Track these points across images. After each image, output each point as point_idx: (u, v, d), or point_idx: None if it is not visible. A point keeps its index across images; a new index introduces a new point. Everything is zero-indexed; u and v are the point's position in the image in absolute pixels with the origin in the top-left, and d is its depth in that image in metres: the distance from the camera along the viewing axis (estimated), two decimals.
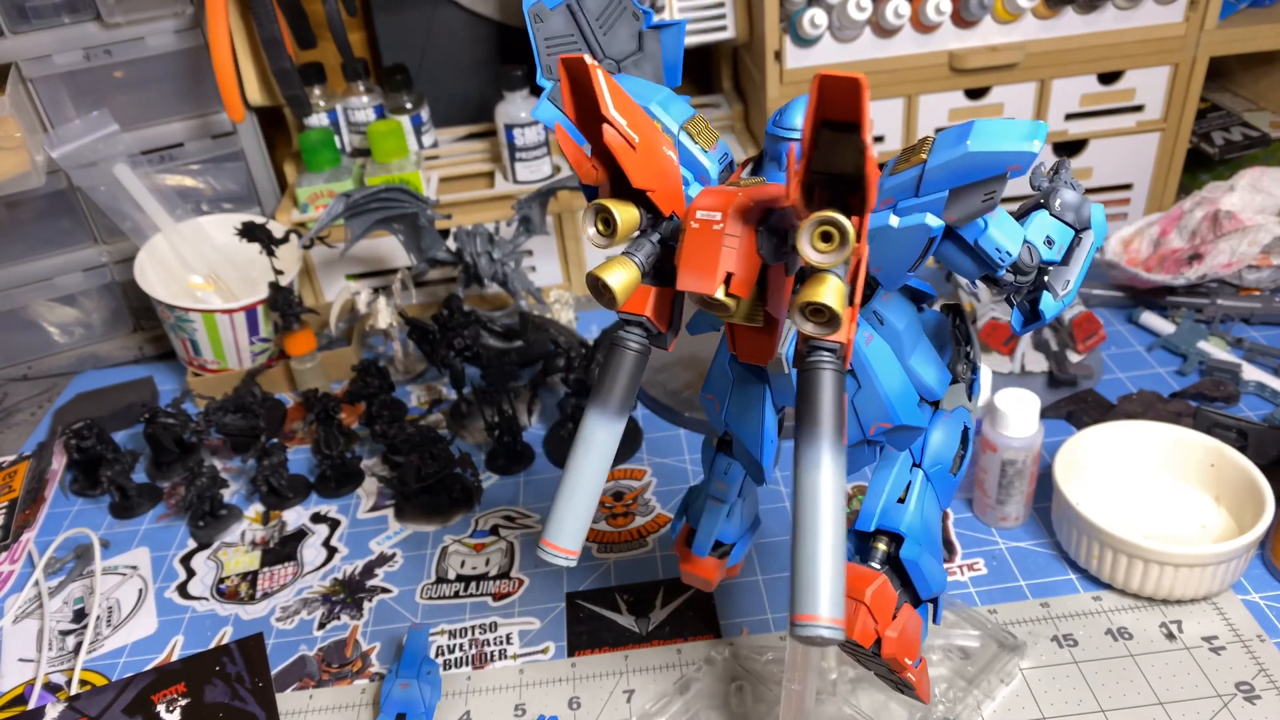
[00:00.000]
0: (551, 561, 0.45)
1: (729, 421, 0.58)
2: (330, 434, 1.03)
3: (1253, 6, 1.27)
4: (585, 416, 0.45)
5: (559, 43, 0.52)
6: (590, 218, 0.44)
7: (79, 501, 1.06)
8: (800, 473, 0.40)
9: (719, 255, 0.41)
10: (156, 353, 1.34)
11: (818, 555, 0.38)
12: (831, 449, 0.40)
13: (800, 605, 0.38)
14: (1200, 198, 1.16)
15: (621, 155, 0.42)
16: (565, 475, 0.45)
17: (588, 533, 0.46)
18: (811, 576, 0.38)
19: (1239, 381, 1.02)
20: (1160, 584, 0.77)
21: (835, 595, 0.38)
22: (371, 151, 1.31)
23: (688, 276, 0.42)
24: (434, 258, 1.20)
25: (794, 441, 0.41)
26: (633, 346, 0.45)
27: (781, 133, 0.48)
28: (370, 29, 1.43)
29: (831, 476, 0.39)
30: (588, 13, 0.52)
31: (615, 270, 0.43)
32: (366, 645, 0.83)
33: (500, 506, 0.98)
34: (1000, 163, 0.44)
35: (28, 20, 1.16)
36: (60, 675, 0.84)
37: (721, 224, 0.41)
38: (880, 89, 1.24)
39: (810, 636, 0.38)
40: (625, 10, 0.52)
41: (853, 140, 0.37)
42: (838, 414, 0.40)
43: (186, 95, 1.25)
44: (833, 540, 0.39)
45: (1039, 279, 0.52)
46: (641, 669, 0.78)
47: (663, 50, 0.54)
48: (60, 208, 1.25)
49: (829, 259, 0.38)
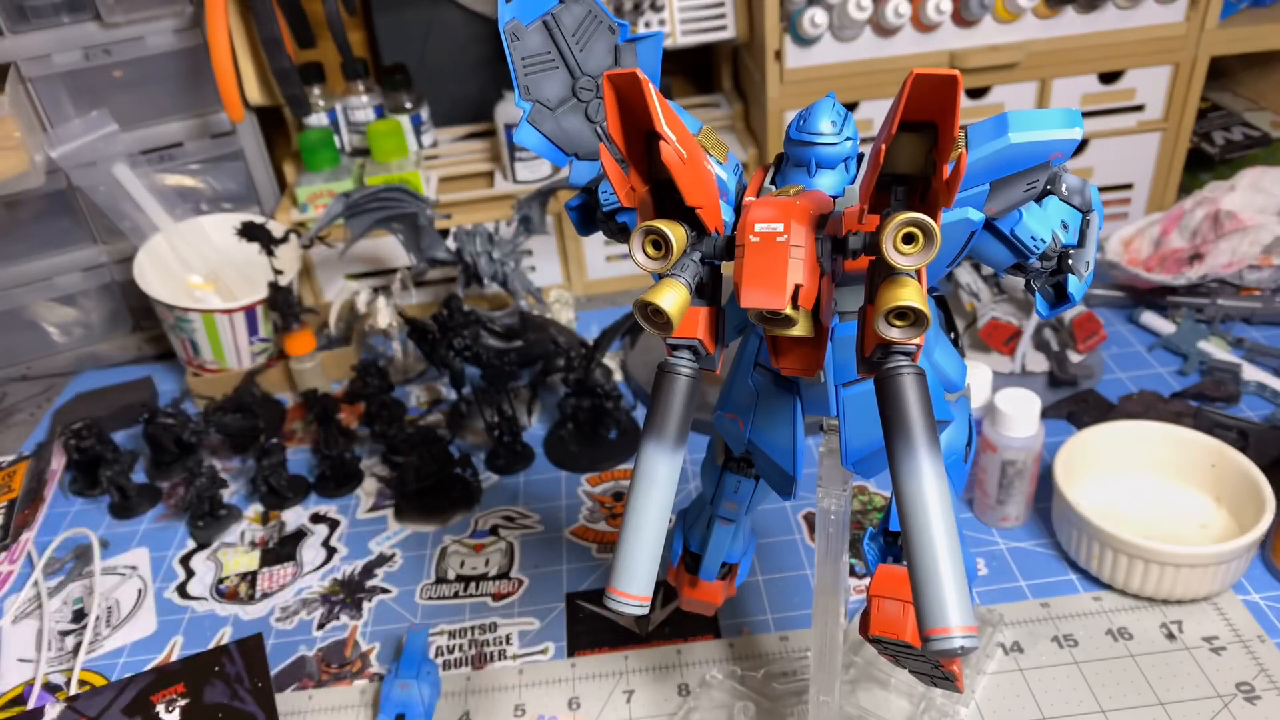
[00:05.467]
0: (623, 611, 0.42)
1: (754, 438, 0.57)
2: (330, 434, 1.03)
3: (1253, 6, 1.27)
4: (642, 452, 0.43)
5: (536, 61, 0.51)
6: (639, 240, 0.42)
7: (78, 501, 1.06)
8: (901, 484, 0.39)
9: (786, 268, 0.39)
10: (156, 353, 1.34)
11: (937, 566, 0.38)
12: (929, 454, 0.39)
13: (930, 620, 0.37)
14: (1201, 197, 1.16)
15: (677, 171, 0.41)
16: (627, 517, 0.43)
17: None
18: (936, 589, 0.38)
19: (1239, 381, 1.02)
20: (1161, 584, 0.76)
21: (962, 602, 0.38)
22: (371, 151, 1.31)
23: (754, 293, 0.40)
24: (434, 258, 1.20)
25: (887, 452, 0.40)
26: (684, 372, 0.43)
27: (808, 138, 0.47)
28: (370, 29, 1.43)
29: (935, 482, 0.39)
30: (564, 29, 0.51)
31: (667, 293, 0.41)
32: (366, 645, 0.83)
33: (500, 506, 0.98)
34: (1044, 151, 0.45)
35: (27, 20, 1.15)
36: (59, 675, 0.84)
37: (785, 235, 0.40)
38: (880, 89, 1.24)
39: (948, 650, 0.37)
40: (601, 24, 0.51)
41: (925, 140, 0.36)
42: (928, 417, 0.40)
43: (186, 95, 1.25)
44: (948, 547, 0.38)
45: (1061, 263, 0.53)
46: (641, 669, 0.78)
47: (639, 64, 0.53)
48: (60, 208, 1.25)
49: (913, 260, 0.38)
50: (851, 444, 0.54)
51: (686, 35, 1.31)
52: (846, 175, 0.48)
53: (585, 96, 0.53)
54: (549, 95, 0.52)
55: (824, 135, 0.46)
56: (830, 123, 0.46)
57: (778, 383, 0.55)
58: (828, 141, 0.46)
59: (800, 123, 0.47)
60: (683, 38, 1.31)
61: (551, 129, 0.53)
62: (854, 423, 0.53)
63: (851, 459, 0.54)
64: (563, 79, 0.52)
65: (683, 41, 1.31)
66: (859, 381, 0.52)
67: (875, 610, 0.54)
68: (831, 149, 0.46)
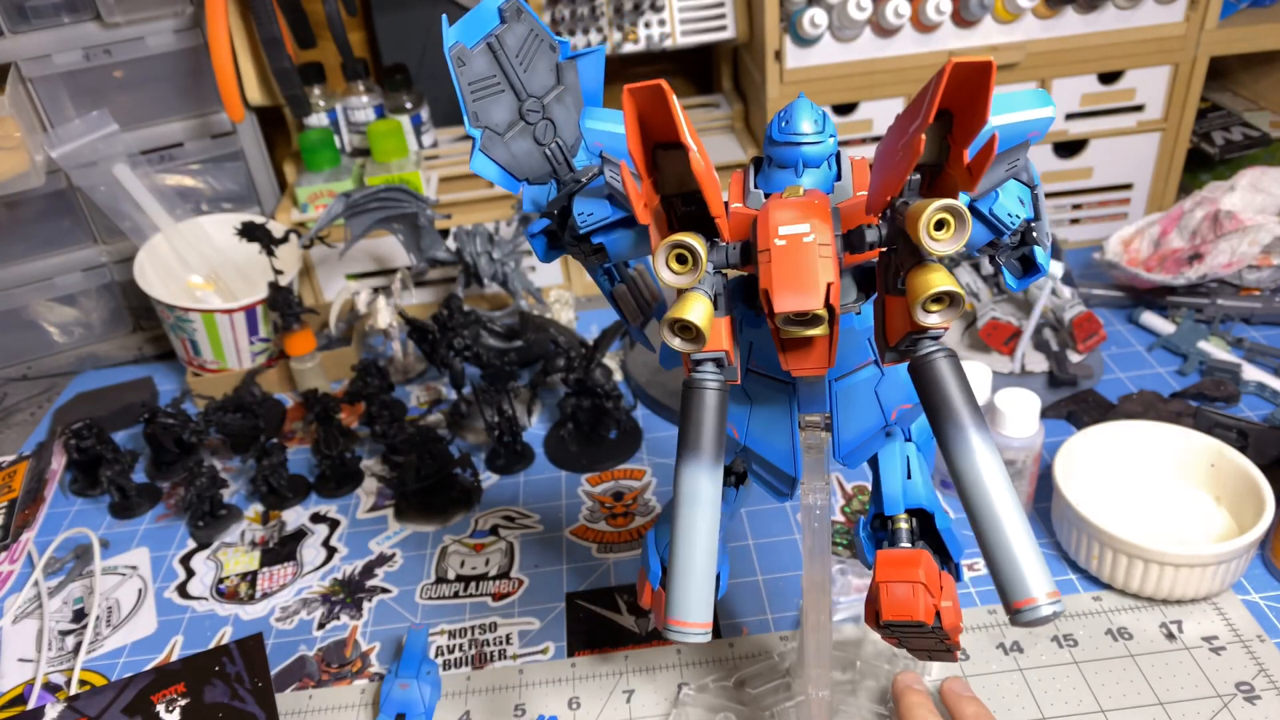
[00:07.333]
0: (687, 641, 0.42)
1: (750, 444, 0.57)
2: (330, 434, 1.03)
3: (1253, 6, 1.27)
4: (680, 473, 0.43)
5: (483, 86, 0.50)
6: (664, 256, 0.41)
7: (79, 501, 1.06)
8: (957, 464, 0.40)
9: (817, 268, 0.39)
10: (156, 353, 1.34)
11: (1008, 538, 0.39)
12: (978, 431, 0.40)
13: (1014, 593, 0.38)
14: (1200, 197, 1.16)
15: (705, 182, 0.41)
16: (676, 542, 0.43)
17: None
18: (1011, 561, 0.39)
19: (1239, 381, 1.02)
20: (1160, 584, 0.77)
21: (1041, 569, 0.39)
22: (371, 151, 1.31)
23: (787, 296, 0.39)
24: (434, 257, 1.20)
25: (936, 437, 0.41)
26: (713, 385, 0.43)
27: (793, 139, 0.47)
28: (370, 29, 1.43)
29: (989, 456, 0.40)
30: (508, 50, 0.50)
31: (695, 306, 0.41)
32: (366, 645, 0.83)
33: (500, 506, 0.98)
34: (1023, 132, 0.45)
35: (27, 20, 1.16)
36: (60, 675, 0.84)
37: (811, 235, 0.40)
38: (880, 89, 1.24)
39: (1037, 619, 0.38)
40: (543, 43, 0.51)
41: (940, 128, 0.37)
42: (969, 395, 0.41)
43: (186, 95, 1.25)
44: (1016, 516, 0.39)
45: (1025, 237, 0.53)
46: (641, 669, 0.78)
47: (581, 81, 0.53)
48: (60, 208, 1.25)
49: (948, 246, 0.38)
50: (844, 436, 0.54)
51: (686, 35, 1.31)
52: (830, 173, 0.48)
53: (532, 119, 0.52)
54: (498, 120, 0.51)
55: (808, 135, 0.46)
56: (812, 122, 0.46)
57: (771, 385, 0.55)
58: (813, 141, 0.46)
59: (782, 125, 0.47)
60: (683, 38, 1.31)
61: (503, 155, 0.53)
62: (846, 415, 0.53)
63: (843, 451, 0.55)
64: (509, 102, 0.51)
65: (683, 41, 1.31)
66: (851, 374, 0.52)
67: (885, 596, 0.54)
68: (817, 148, 0.47)
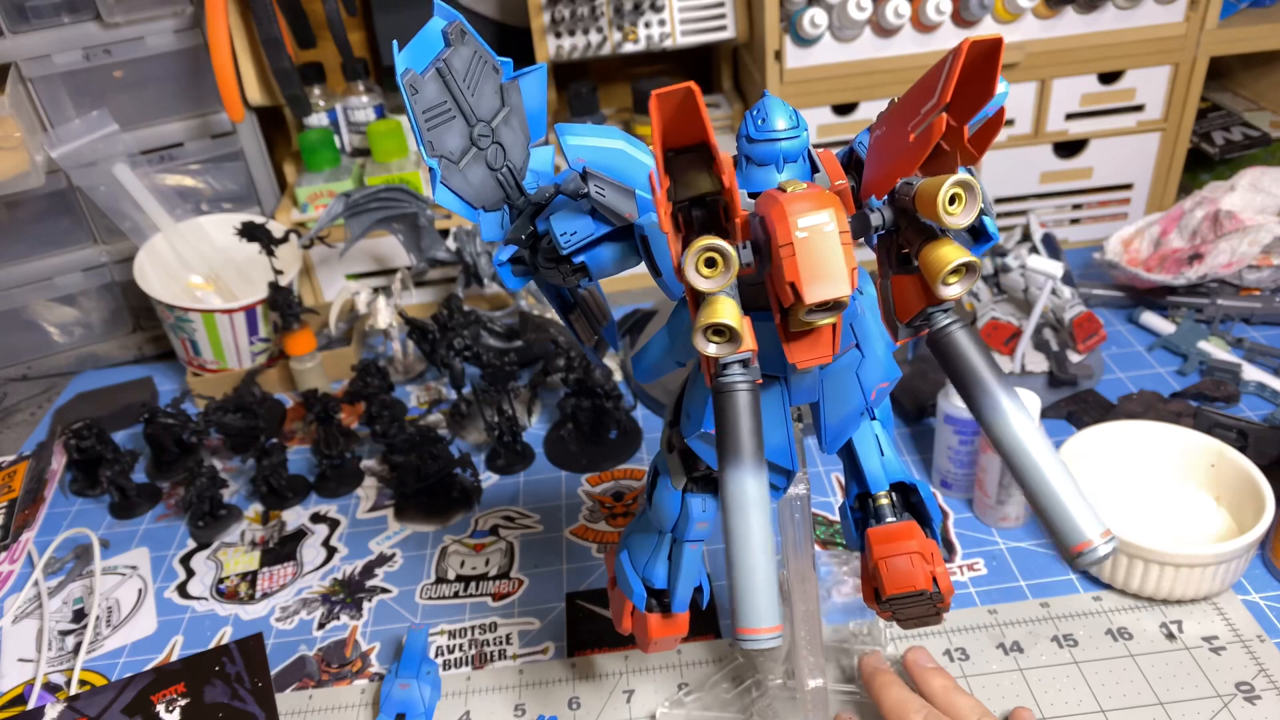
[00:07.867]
0: (760, 648, 0.42)
1: None
2: (330, 434, 1.03)
3: (1253, 6, 1.27)
4: (725, 481, 0.42)
5: (435, 113, 0.50)
6: (694, 260, 0.41)
7: (79, 501, 1.06)
8: (994, 429, 0.42)
9: (843, 255, 0.40)
10: (156, 353, 1.34)
11: (1055, 490, 0.41)
12: (1006, 393, 0.42)
13: (1070, 539, 0.40)
14: (1201, 197, 1.16)
15: (732, 184, 0.41)
16: (733, 551, 0.42)
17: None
18: (1062, 511, 0.40)
19: (1239, 381, 1.02)
20: (1160, 584, 0.77)
21: (1090, 513, 0.41)
22: (371, 151, 1.31)
23: (818, 285, 0.39)
24: (434, 258, 1.20)
25: (968, 405, 0.43)
26: (745, 386, 0.43)
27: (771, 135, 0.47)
28: (370, 29, 1.43)
29: (1021, 415, 0.41)
30: (455, 73, 0.49)
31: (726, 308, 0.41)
32: (366, 645, 0.83)
33: (500, 506, 0.98)
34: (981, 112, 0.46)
35: (27, 20, 1.16)
36: (60, 675, 0.84)
37: (831, 224, 0.40)
38: (880, 89, 1.24)
39: (1096, 559, 0.40)
40: (487, 64, 0.50)
41: None
42: (990, 360, 0.42)
43: (186, 95, 1.25)
44: (1058, 468, 0.41)
45: None
46: (641, 669, 0.78)
47: (525, 100, 0.52)
48: (60, 208, 1.25)
49: (963, 219, 0.40)
50: (829, 422, 0.54)
51: (686, 35, 1.31)
52: (806, 166, 0.48)
53: (483, 144, 0.52)
54: (451, 148, 0.51)
55: (784, 130, 0.46)
56: (786, 118, 0.47)
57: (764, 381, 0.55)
58: (789, 136, 0.46)
59: (759, 123, 0.47)
60: (683, 38, 1.31)
61: (460, 184, 0.52)
62: (833, 401, 0.53)
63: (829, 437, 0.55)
64: (461, 128, 0.51)
65: (683, 41, 1.31)
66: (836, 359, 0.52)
67: (885, 572, 0.54)
68: (794, 142, 0.47)
